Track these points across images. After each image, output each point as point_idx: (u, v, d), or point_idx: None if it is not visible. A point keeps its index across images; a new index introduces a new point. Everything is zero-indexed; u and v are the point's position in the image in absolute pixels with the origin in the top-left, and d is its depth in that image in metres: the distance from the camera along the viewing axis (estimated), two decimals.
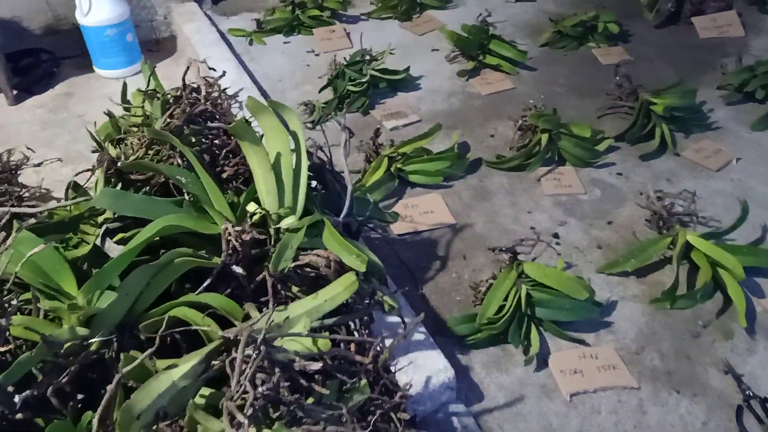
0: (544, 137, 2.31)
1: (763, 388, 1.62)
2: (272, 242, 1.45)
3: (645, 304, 1.84)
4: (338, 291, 1.36)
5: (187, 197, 1.45)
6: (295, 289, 1.43)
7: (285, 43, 3.08)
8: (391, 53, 2.78)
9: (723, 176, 2.29)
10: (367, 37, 3.13)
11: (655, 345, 1.73)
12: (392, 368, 1.45)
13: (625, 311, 1.83)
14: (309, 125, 2.52)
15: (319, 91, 2.65)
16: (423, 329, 1.61)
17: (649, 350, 1.72)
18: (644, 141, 2.43)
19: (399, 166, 2.22)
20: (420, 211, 2.15)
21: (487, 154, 2.41)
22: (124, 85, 1.82)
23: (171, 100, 1.70)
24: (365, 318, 1.52)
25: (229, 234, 1.34)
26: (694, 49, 3.04)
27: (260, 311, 1.31)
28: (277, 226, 1.45)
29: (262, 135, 1.53)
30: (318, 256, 1.40)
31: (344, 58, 2.75)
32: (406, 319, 1.63)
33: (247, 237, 1.37)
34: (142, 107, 1.69)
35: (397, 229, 2.08)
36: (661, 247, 1.92)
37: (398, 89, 2.75)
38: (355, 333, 1.49)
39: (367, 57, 2.70)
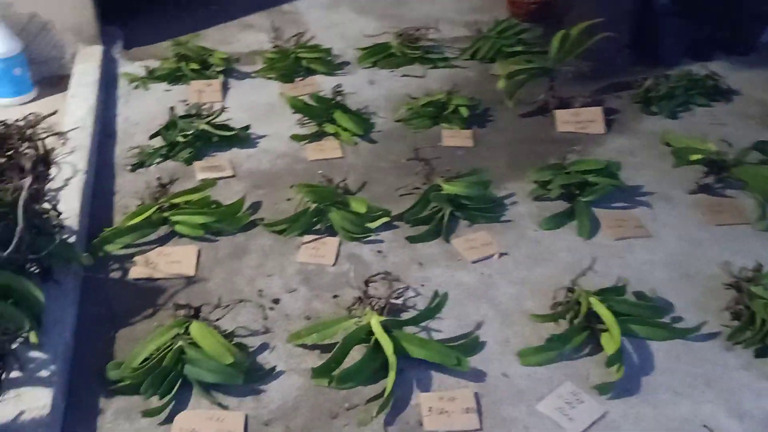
0: (312, 206, 2.42)
1: None
2: None
3: (310, 379, 1.89)
4: None
5: None
6: None
7: (166, 91, 3.33)
8: (224, 110, 2.97)
9: (474, 269, 2.31)
10: (242, 93, 3.34)
11: (288, 420, 1.78)
12: None
13: (285, 383, 1.88)
14: (129, 167, 2.73)
15: (150, 138, 2.86)
16: (54, 366, 1.74)
17: (279, 424, 1.76)
18: (425, 224, 2.48)
19: (165, 215, 2.37)
20: (169, 260, 2.28)
21: (275, 215, 2.52)
22: None
23: None
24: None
25: None
26: (544, 142, 3.06)
27: None
28: None
29: None
30: None
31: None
32: (45, 356, 1.77)
33: None
34: None
35: (135, 273, 2.23)
36: (346, 326, 1.97)
37: (234, 145, 2.92)
38: None
39: (204, 111, 2.90)
